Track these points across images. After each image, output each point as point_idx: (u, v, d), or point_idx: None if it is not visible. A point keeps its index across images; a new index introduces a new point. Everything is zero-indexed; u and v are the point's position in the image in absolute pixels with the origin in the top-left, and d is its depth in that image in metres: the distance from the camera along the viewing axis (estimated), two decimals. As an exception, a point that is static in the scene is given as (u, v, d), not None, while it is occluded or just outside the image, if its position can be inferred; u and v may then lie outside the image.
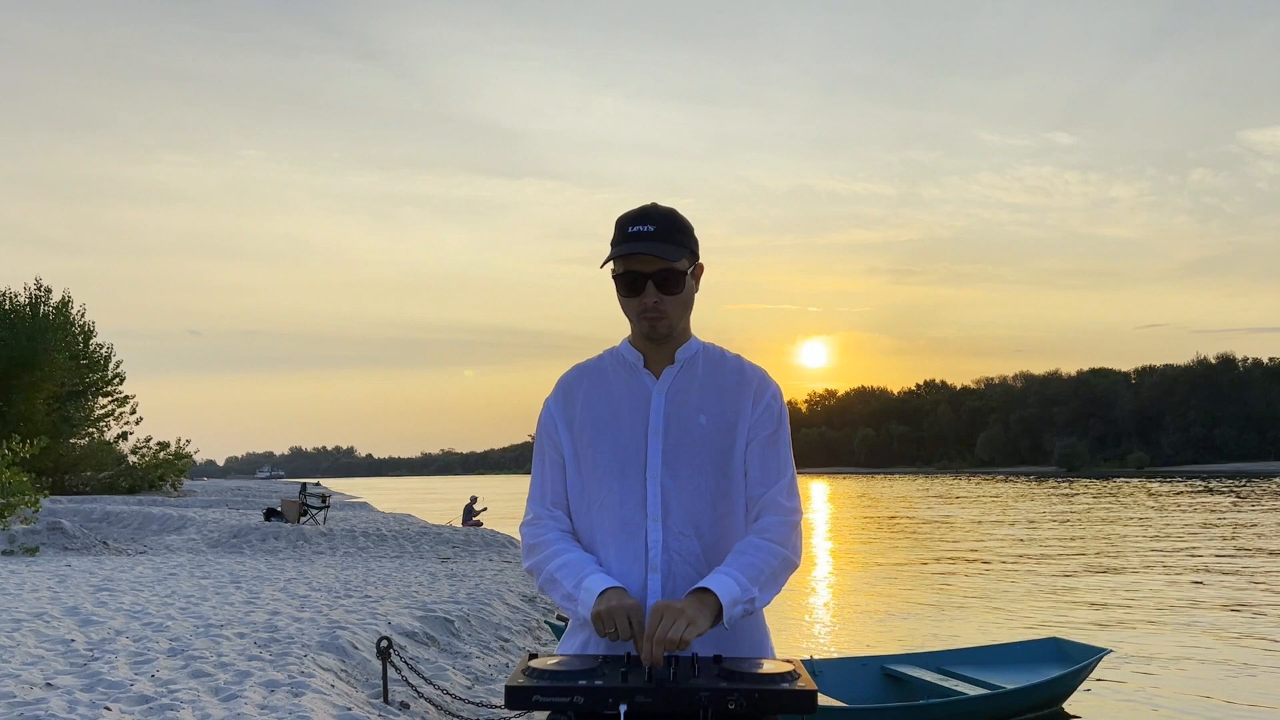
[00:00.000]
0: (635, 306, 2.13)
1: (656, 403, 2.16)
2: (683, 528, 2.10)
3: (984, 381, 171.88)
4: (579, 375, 2.25)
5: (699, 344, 2.23)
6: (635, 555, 2.09)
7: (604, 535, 2.13)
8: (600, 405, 2.18)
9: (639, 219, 2.12)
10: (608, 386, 2.20)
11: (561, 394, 2.24)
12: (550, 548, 2.16)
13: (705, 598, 1.98)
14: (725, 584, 2.00)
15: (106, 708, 5.32)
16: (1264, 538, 24.00)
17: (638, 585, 2.08)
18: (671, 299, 2.12)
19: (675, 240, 2.11)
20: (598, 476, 2.15)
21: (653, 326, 2.13)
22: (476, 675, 7.81)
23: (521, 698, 1.79)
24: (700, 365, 2.20)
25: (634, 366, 2.20)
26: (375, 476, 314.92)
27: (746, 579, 2.03)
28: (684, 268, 2.12)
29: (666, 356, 2.19)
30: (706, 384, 2.18)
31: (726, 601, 1.98)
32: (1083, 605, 13.83)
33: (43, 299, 43.69)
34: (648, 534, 2.09)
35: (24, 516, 18.70)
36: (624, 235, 2.11)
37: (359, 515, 30.86)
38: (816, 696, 1.78)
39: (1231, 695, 8.65)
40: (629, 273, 2.11)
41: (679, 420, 2.14)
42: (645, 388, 2.17)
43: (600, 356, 2.27)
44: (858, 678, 7.75)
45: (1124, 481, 76.13)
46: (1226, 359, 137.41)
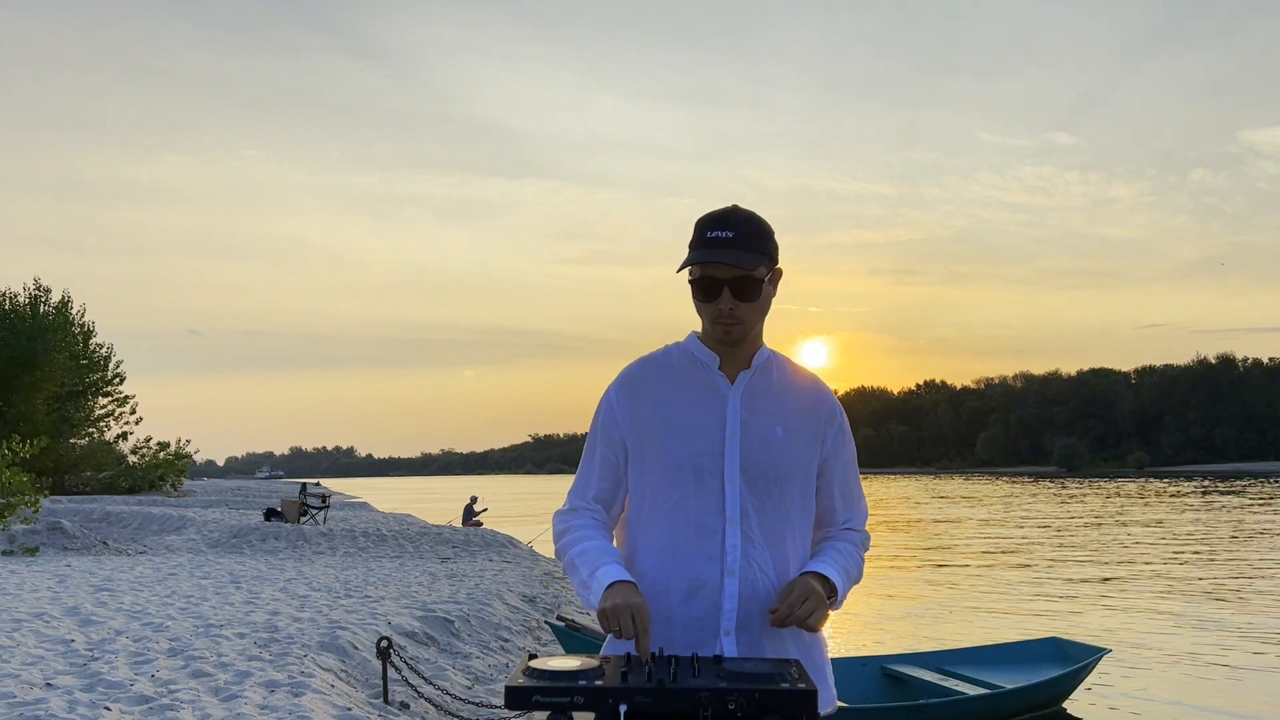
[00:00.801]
0: (710, 311, 2.09)
1: (733, 407, 2.11)
2: (758, 536, 2.08)
3: (984, 381, 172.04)
4: (645, 368, 2.19)
5: (769, 351, 2.19)
6: (711, 559, 2.06)
7: (676, 537, 2.09)
8: (672, 404, 2.13)
9: (718, 224, 2.06)
10: (678, 384, 2.14)
11: (627, 388, 2.17)
12: (576, 533, 2.14)
13: (827, 585, 2.05)
14: (839, 578, 2.08)
15: (106, 708, 5.32)
16: (1264, 538, 24.00)
17: (713, 588, 2.05)
18: (748, 306, 2.07)
19: (754, 247, 2.06)
20: (671, 477, 2.10)
21: (727, 332, 2.09)
22: (476, 675, 7.81)
23: (521, 698, 1.78)
24: (774, 374, 2.17)
25: (706, 366, 2.15)
26: (375, 476, 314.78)
27: (845, 581, 2.12)
28: (762, 275, 2.07)
29: (741, 360, 2.14)
30: (781, 396, 2.15)
31: (839, 598, 2.08)
32: (1083, 605, 13.83)
33: (43, 299, 43.69)
34: (725, 538, 2.06)
35: (24, 516, 18.70)
36: (702, 240, 2.06)
37: (359, 515, 30.86)
38: (816, 696, 1.78)
39: (1231, 695, 8.65)
40: (705, 278, 2.06)
41: (756, 428, 2.10)
42: (720, 390, 2.13)
43: (665, 351, 2.21)
44: (858, 678, 7.75)
45: (1124, 481, 76.11)
46: (1226, 359, 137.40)
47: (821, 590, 2.01)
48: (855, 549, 2.18)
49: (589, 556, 2.07)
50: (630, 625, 1.92)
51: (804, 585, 2.00)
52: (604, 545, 2.11)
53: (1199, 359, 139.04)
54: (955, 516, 35.70)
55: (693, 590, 2.06)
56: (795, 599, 1.97)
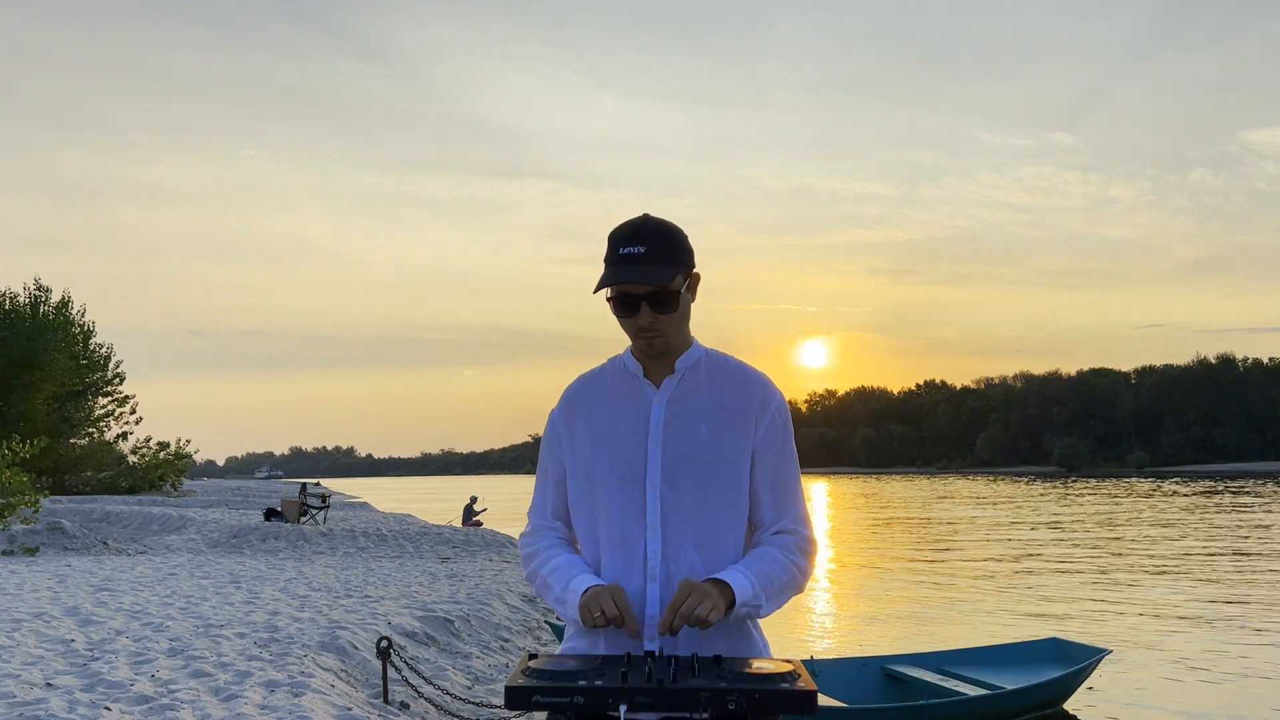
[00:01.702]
0: (631, 326, 2.11)
1: (656, 413, 2.12)
2: (681, 539, 2.08)
3: (984, 381, 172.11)
4: (581, 386, 2.23)
5: (701, 350, 2.19)
6: (634, 565, 2.07)
7: (604, 546, 2.11)
8: (601, 416, 2.16)
9: (629, 238, 2.07)
10: (609, 397, 2.17)
11: (565, 406, 2.22)
12: (544, 553, 2.17)
13: (724, 590, 1.99)
14: (740, 583, 2.01)
15: (106, 708, 5.32)
16: (1264, 538, 24.00)
17: (636, 594, 2.06)
18: (667, 317, 2.08)
19: (666, 259, 2.06)
20: (598, 488, 2.13)
21: (650, 344, 2.10)
22: (476, 675, 7.81)
23: (521, 698, 1.79)
24: (702, 373, 2.16)
25: (635, 376, 2.17)
26: (375, 476, 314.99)
27: (759, 584, 2.04)
28: (678, 286, 2.07)
29: (667, 366, 2.16)
30: (708, 393, 2.14)
31: (740, 599, 1.99)
32: (1083, 605, 13.84)
33: (43, 299, 43.72)
34: (646, 544, 2.07)
35: (24, 516, 18.71)
36: (615, 257, 2.07)
37: (359, 515, 30.87)
38: (816, 696, 1.78)
39: (1231, 695, 8.65)
40: (623, 294, 2.07)
41: (679, 431, 2.11)
42: (646, 398, 2.14)
43: (603, 366, 2.24)
44: (858, 678, 7.75)
45: (1124, 482, 76.13)
46: (1226, 359, 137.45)
47: (711, 589, 1.96)
48: (781, 552, 2.11)
49: (560, 572, 2.10)
50: (612, 604, 1.94)
51: (685, 586, 1.96)
52: (572, 559, 2.14)
53: (1199, 359, 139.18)
54: (955, 517, 35.71)
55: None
56: (676, 599, 1.94)
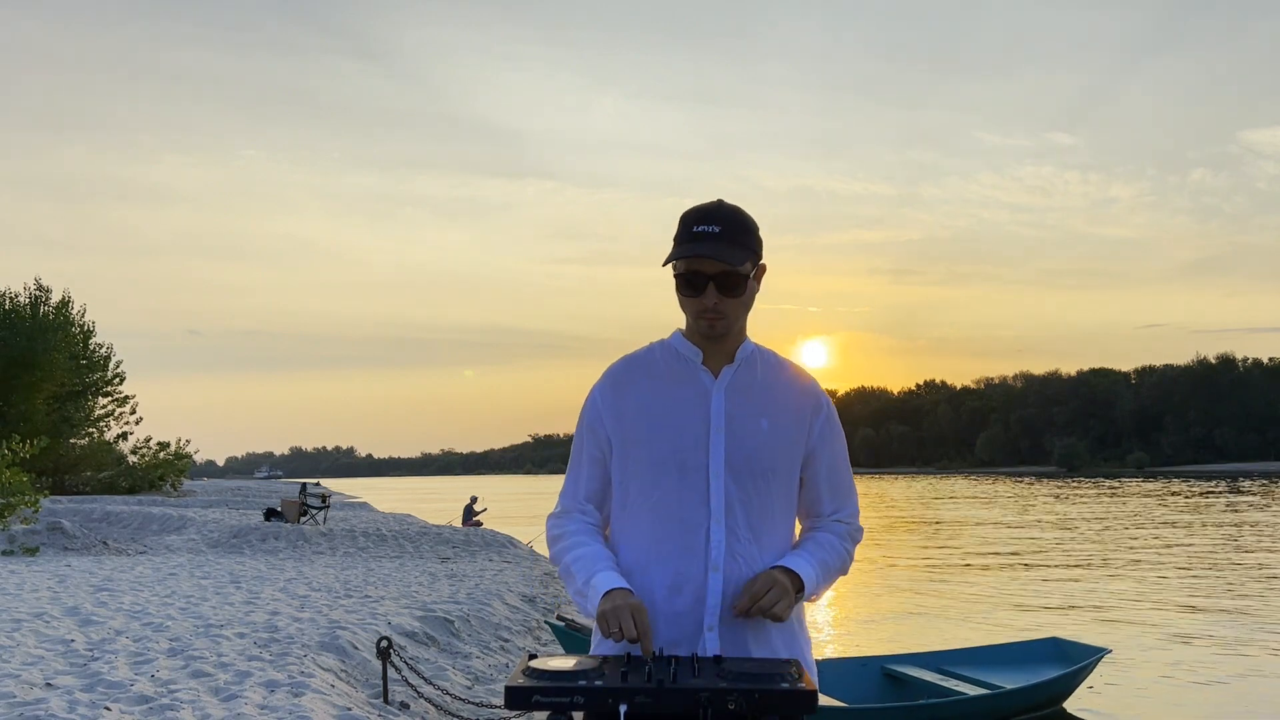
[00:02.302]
0: (695, 306, 2.09)
1: (717, 400, 2.10)
2: (744, 530, 2.07)
3: (984, 381, 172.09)
4: (629, 366, 2.19)
5: (753, 345, 2.19)
6: (695, 553, 2.05)
7: (661, 533, 2.08)
8: (655, 399, 2.12)
9: (704, 218, 2.06)
10: (662, 380, 2.14)
11: (610, 386, 2.17)
12: (570, 539, 2.15)
13: (792, 578, 2.03)
14: (808, 573, 2.06)
15: (106, 708, 5.32)
16: (1264, 538, 24.00)
17: (697, 584, 2.05)
18: (732, 301, 2.08)
19: (740, 242, 2.06)
20: (654, 473, 2.09)
21: (711, 326, 2.09)
22: (476, 675, 7.81)
23: (521, 698, 1.79)
24: (759, 367, 2.16)
25: (690, 361, 2.14)
26: (375, 476, 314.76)
27: (820, 573, 2.09)
28: (747, 271, 2.07)
29: (725, 355, 2.14)
30: (766, 387, 2.14)
31: (807, 590, 2.05)
32: (1083, 605, 13.83)
33: (43, 299, 43.70)
34: (709, 533, 2.06)
35: (24, 516, 18.70)
36: (688, 234, 2.06)
37: (359, 515, 30.86)
38: (817, 696, 1.78)
39: (1231, 695, 8.65)
40: (691, 272, 2.06)
41: (740, 421, 2.10)
42: (704, 384, 2.12)
43: (649, 348, 2.20)
44: (858, 678, 7.75)
45: (1124, 482, 76.11)
46: (1226, 359, 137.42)
47: (786, 582, 2.01)
48: (839, 540, 2.17)
49: (584, 563, 2.08)
50: (631, 625, 1.92)
51: (767, 577, 2.00)
52: (598, 551, 2.11)
53: (1199, 359, 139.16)
54: (955, 517, 35.70)
55: (677, 585, 2.05)
56: (759, 589, 1.98)
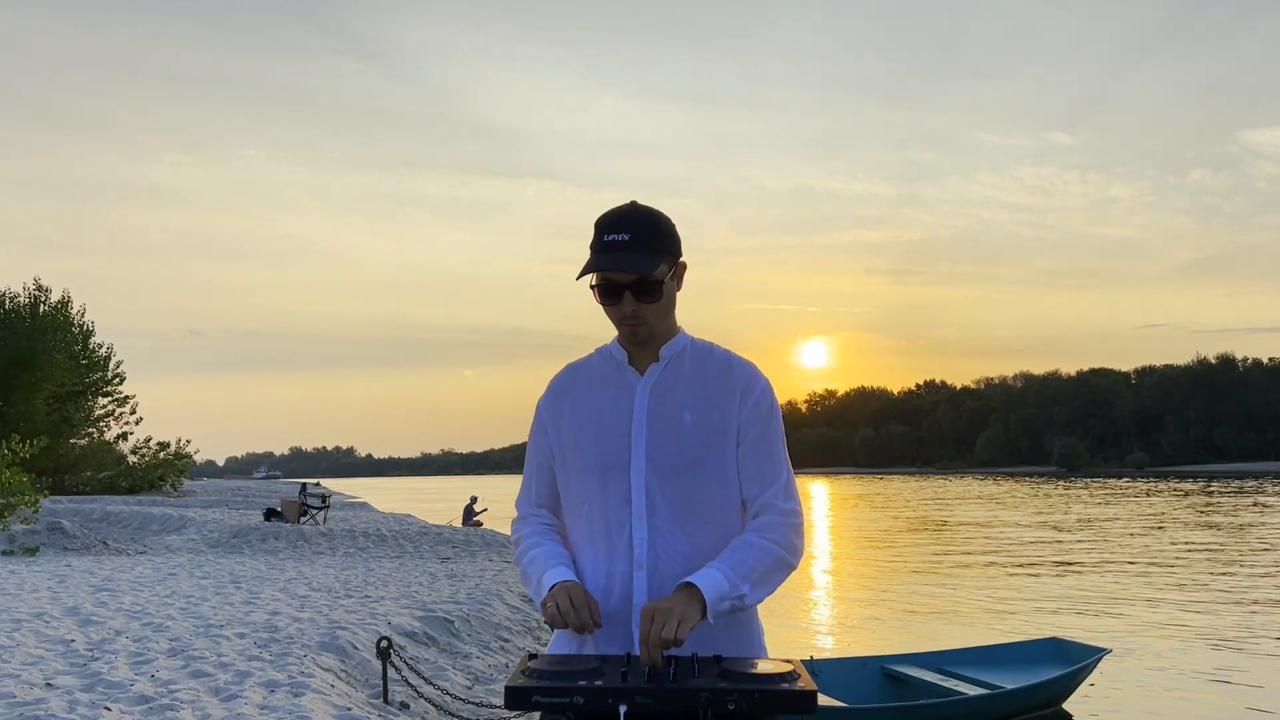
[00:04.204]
0: (614, 314, 2.11)
1: (640, 400, 2.13)
2: (669, 525, 2.08)
3: (984, 381, 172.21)
4: (568, 375, 2.24)
5: (687, 339, 2.20)
6: (621, 553, 2.08)
7: (592, 534, 2.12)
8: (586, 405, 2.17)
9: (615, 226, 2.07)
10: (595, 386, 2.18)
11: (551, 395, 2.23)
12: (525, 541, 2.21)
13: (692, 592, 1.97)
14: (712, 579, 2.00)
15: (106, 708, 5.32)
16: (1264, 538, 24.00)
17: (624, 582, 2.07)
18: (650, 306, 2.09)
19: (651, 248, 2.06)
20: (584, 476, 2.14)
21: (633, 332, 2.11)
22: (476, 675, 7.81)
23: (521, 698, 1.79)
24: (687, 361, 2.17)
25: (620, 364, 2.18)
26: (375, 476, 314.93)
27: (736, 575, 2.02)
28: (661, 275, 2.07)
29: (651, 354, 2.17)
30: (692, 381, 2.15)
31: (711, 597, 1.97)
32: (1083, 605, 13.83)
33: (43, 299, 43.71)
34: (632, 531, 2.08)
35: (24, 516, 18.70)
36: (599, 244, 2.07)
37: (359, 515, 30.86)
38: (816, 696, 1.78)
39: (1231, 695, 8.65)
40: (606, 282, 2.08)
41: (662, 418, 2.11)
42: (630, 386, 2.15)
43: (590, 356, 2.25)
44: (858, 678, 7.75)
45: (1124, 482, 76.10)
46: (1226, 359, 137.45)
47: (672, 602, 1.93)
48: (758, 536, 2.08)
49: (537, 563, 2.13)
50: (567, 602, 1.94)
51: (644, 611, 1.91)
52: (550, 549, 2.15)
53: (1199, 359, 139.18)
54: (955, 517, 35.70)
55: (608, 585, 2.08)
56: (643, 632, 1.89)
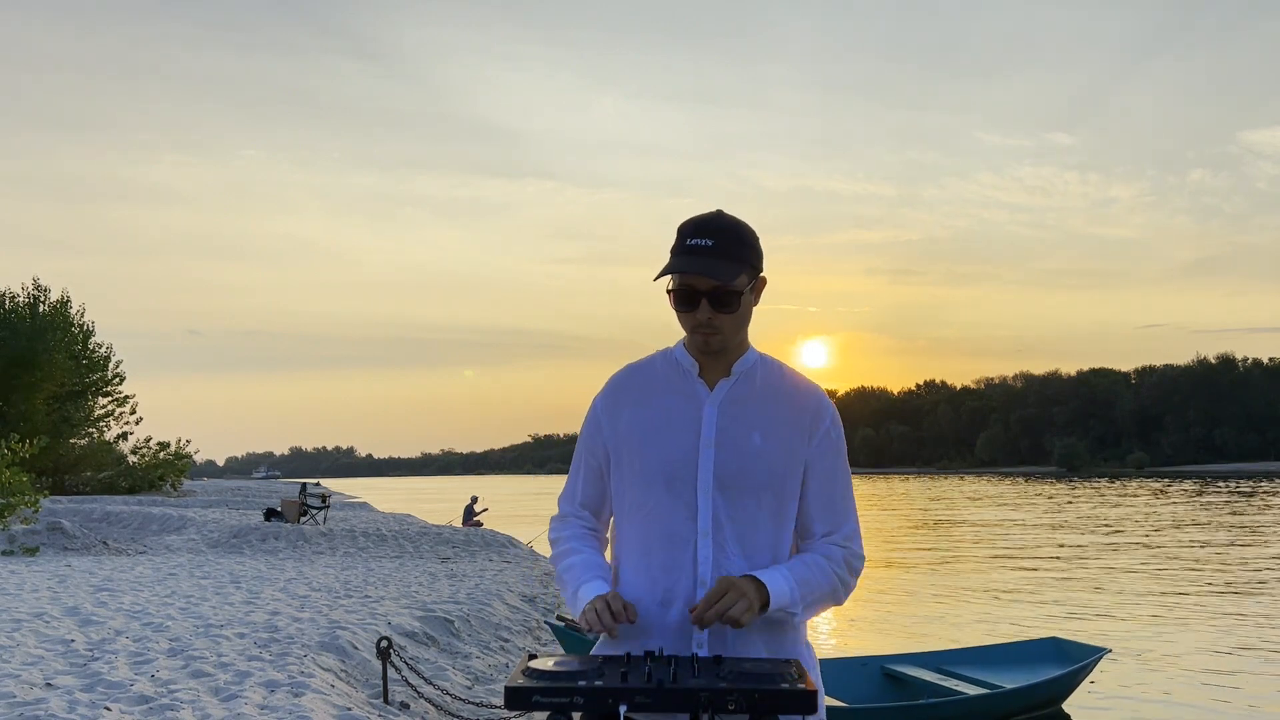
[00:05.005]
0: (689, 321, 2.04)
1: (709, 414, 2.06)
2: (733, 546, 2.03)
3: (984, 381, 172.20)
4: (629, 375, 2.17)
5: (756, 355, 2.14)
6: (683, 568, 2.03)
7: (650, 545, 2.06)
8: (650, 411, 2.10)
9: (698, 231, 2.01)
10: (658, 391, 2.11)
11: (610, 395, 2.16)
12: (565, 544, 2.16)
13: (761, 589, 1.95)
14: (779, 585, 1.97)
15: (106, 708, 5.32)
16: (1264, 538, 24.00)
17: (685, 598, 2.02)
18: (726, 317, 2.02)
19: (734, 256, 2.00)
20: (645, 484, 2.07)
21: (706, 341, 2.05)
22: (476, 675, 7.81)
23: (521, 698, 1.78)
24: (758, 380, 2.11)
25: (687, 373, 2.11)
26: (375, 476, 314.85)
27: (800, 591, 1.99)
28: (741, 286, 2.02)
29: (723, 368, 2.10)
30: (763, 401, 2.09)
31: (774, 603, 1.95)
32: (1083, 605, 13.83)
33: (42, 299, 43.71)
34: (697, 549, 2.02)
35: (24, 516, 18.70)
36: (682, 247, 2.01)
37: (359, 515, 30.86)
38: (817, 696, 1.78)
39: (1231, 695, 8.65)
40: (684, 287, 2.02)
41: (732, 435, 2.05)
42: (698, 397, 2.08)
43: (652, 358, 2.17)
44: (858, 678, 7.75)
45: (1124, 482, 76.11)
46: (1226, 359, 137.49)
47: (747, 588, 1.93)
48: (826, 561, 2.06)
49: (575, 572, 2.09)
50: (605, 608, 1.94)
51: (724, 582, 1.93)
52: (589, 559, 2.11)
53: (1199, 359, 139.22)
54: (955, 517, 35.71)
55: (667, 599, 2.03)
56: (713, 594, 1.91)
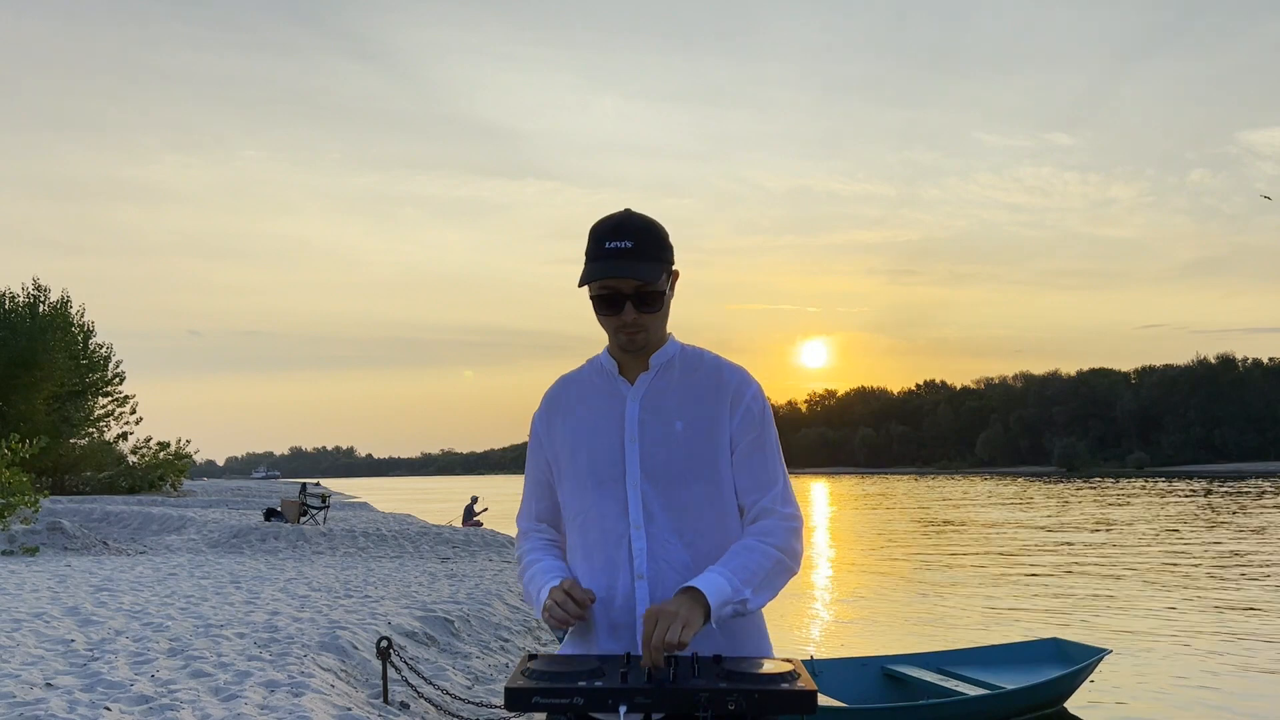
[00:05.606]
0: (613, 324, 2.08)
1: (631, 410, 2.11)
2: (668, 535, 2.07)
3: (984, 381, 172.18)
4: (562, 388, 2.23)
5: (677, 346, 2.18)
6: (620, 564, 2.07)
7: (589, 547, 2.11)
8: (580, 417, 2.16)
9: (615, 233, 2.04)
10: (587, 397, 2.17)
11: (545, 409, 2.23)
12: (525, 558, 2.23)
13: (695, 596, 1.96)
14: (715, 583, 1.98)
15: (106, 708, 5.32)
16: (1264, 538, 23.99)
17: (625, 593, 2.06)
18: (650, 315, 2.07)
19: (653, 256, 2.05)
20: (580, 488, 2.13)
21: (631, 340, 2.09)
22: (476, 675, 7.81)
23: (521, 698, 1.79)
24: (677, 369, 2.15)
25: (611, 375, 2.16)
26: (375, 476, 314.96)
27: (739, 579, 2.01)
28: (663, 285, 2.07)
29: (642, 363, 2.15)
30: (683, 388, 2.13)
31: (715, 602, 1.96)
32: (1083, 605, 13.83)
33: (42, 299, 43.72)
34: (631, 542, 2.06)
35: (24, 516, 18.71)
36: (600, 250, 2.04)
37: (359, 515, 30.85)
38: (816, 696, 1.78)
39: (1231, 695, 8.65)
40: (607, 292, 2.05)
41: (654, 427, 2.10)
42: (620, 395, 2.14)
43: (582, 367, 2.24)
44: (858, 678, 7.75)
45: (1124, 482, 76.10)
46: (1226, 359, 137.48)
47: (676, 606, 1.91)
48: (758, 541, 2.07)
49: (537, 580, 2.14)
50: (566, 598, 1.97)
51: (649, 614, 1.89)
52: (549, 564, 2.17)
53: (1199, 359, 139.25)
54: (955, 517, 35.70)
55: (609, 597, 2.07)
56: (645, 632, 1.88)
